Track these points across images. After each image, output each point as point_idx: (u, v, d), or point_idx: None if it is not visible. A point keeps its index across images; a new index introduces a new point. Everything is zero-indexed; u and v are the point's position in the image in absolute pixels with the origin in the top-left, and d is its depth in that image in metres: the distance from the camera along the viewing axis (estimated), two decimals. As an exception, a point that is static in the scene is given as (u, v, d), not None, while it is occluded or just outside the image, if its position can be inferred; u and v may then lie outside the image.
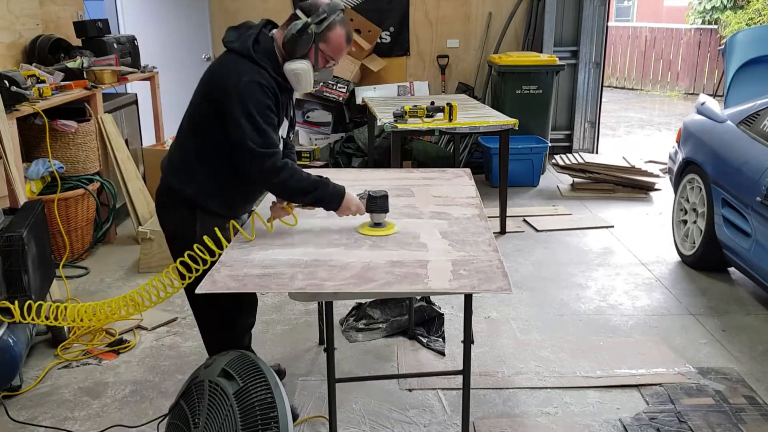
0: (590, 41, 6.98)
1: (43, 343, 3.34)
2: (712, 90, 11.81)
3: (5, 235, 2.84)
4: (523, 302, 3.80)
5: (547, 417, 2.74)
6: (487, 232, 2.41)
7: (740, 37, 4.68)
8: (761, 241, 3.46)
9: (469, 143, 6.58)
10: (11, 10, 4.49)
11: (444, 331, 3.40)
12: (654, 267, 4.31)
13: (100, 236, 4.68)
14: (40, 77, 4.12)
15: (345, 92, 6.44)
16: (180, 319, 3.62)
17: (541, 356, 3.21)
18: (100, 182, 4.61)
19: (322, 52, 2.36)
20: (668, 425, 2.65)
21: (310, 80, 2.36)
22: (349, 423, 2.70)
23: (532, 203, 5.70)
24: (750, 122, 3.90)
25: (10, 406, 2.83)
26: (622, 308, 3.73)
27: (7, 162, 3.53)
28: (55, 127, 4.27)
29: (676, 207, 4.56)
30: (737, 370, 3.05)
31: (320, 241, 2.35)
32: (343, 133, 6.72)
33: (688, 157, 4.40)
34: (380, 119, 4.64)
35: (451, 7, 6.97)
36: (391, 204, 2.46)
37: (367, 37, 6.69)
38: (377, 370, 3.12)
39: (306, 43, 2.31)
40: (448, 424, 2.70)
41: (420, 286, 1.99)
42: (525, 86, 6.22)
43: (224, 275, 2.08)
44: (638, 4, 18.86)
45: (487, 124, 4.66)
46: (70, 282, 4.06)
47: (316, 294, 2.06)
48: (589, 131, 7.28)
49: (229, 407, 1.94)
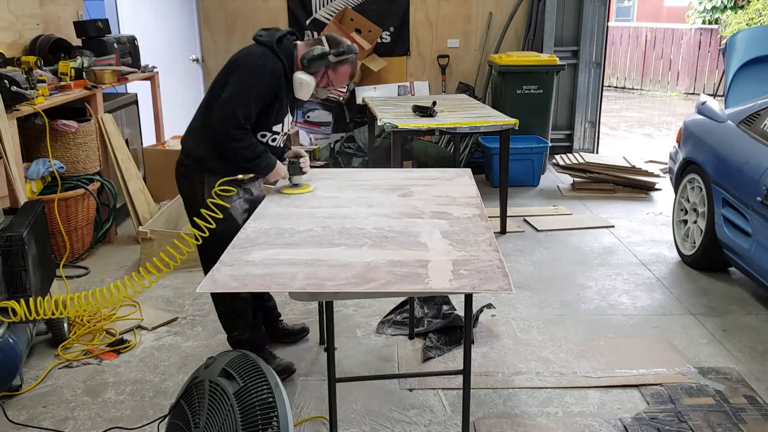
0: (590, 41, 6.98)
1: (44, 343, 3.34)
2: (712, 90, 11.81)
3: (5, 235, 2.84)
4: (524, 302, 3.80)
5: (547, 417, 2.74)
6: (487, 232, 2.41)
7: (740, 37, 4.68)
8: (761, 241, 3.46)
9: (469, 143, 6.58)
10: (11, 10, 4.49)
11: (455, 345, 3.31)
12: (654, 267, 4.31)
13: (100, 236, 4.68)
14: (40, 77, 4.11)
15: (345, 92, 6.44)
16: (180, 319, 3.62)
17: (542, 356, 3.21)
18: (101, 182, 4.61)
19: (327, 77, 2.84)
20: (668, 425, 2.65)
21: (309, 92, 2.83)
22: (350, 423, 2.70)
23: (533, 203, 5.70)
24: (750, 122, 3.90)
25: (11, 406, 2.83)
26: (623, 308, 3.73)
27: (8, 162, 3.53)
28: (55, 127, 4.27)
29: (677, 207, 4.55)
30: (738, 370, 3.05)
31: (321, 241, 2.35)
32: (343, 133, 6.72)
33: (688, 157, 4.40)
34: (380, 119, 4.64)
35: (451, 7, 6.97)
36: (392, 204, 2.48)
37: (367, 37, 6.69)
38: (378, 369, 3.12)
39: (320, 66, 2.79)
40: (449, 424, 2.69)
41: (420, 285, 1.99)
42: (525, 86, 6.22)
43: (225, 275, 2.08)
44: (638, 4, 18.85)
45: (487, 124, 4.65)
46: (70, 282, 4.06)
47: (316, 294, 2.06)
48: (590, 131, 7.28)
49: (229, 407, 1.94)
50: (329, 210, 2.70)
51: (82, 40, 5.01)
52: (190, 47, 6.81)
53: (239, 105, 2.65)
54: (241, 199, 2.91)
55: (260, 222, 2.57)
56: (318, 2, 6.88)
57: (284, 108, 2.85)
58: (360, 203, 2.78)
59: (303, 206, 2.76)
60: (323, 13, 6.89)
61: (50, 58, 4.65)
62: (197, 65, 6.92)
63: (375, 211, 2.67)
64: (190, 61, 6.78)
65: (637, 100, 12.50)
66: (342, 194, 2.93)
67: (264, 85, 2.70)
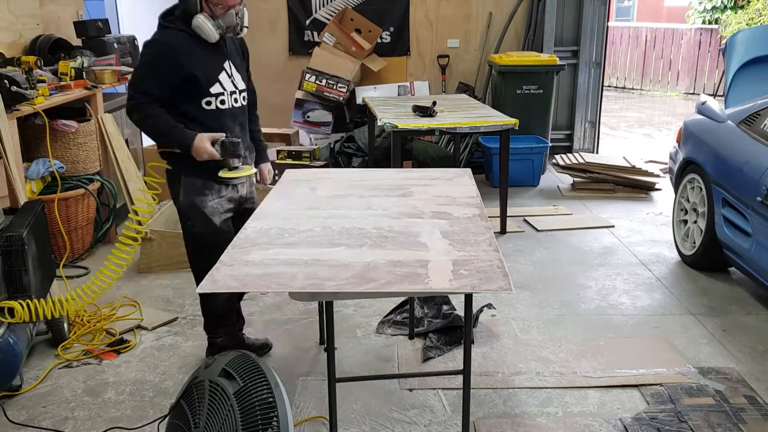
0: (590, 41, 6.98)
1: (44, 343, 3.34)
2: (712, 90, 11.81)
3: (5, 235, 2.84)
4: (524, 302, 3.80)
5: (547, 417, 2.74)
6: (487, 232, 2.41)
7: (740, 37, 4.68)
8: (761, 240, 3.46)
9: (469, 143, 6.58)
10: (11, 10, 4.49)
11: (455, 345, 3.31)
12: (654, 267, 4.30)
13: (100, 236, 4.68)
14: (40, 77, 4.11)
15: (345, 92, 6.44)
16: (180, 319, 3.62)
17: (542, 356, 3.21)
18: (101, 182, 4.61)
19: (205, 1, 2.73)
20: (668, 425, 2.65)
21: (212, 29, 2.74)
22: (350, 423, 2.70)
23: (533, 203, 5.69)
24: (750, 122, 3.90)
25: (11, 406, 2.83)
26: (623, 308, 3.73)
27: (8, 162, 3.53)
28: (55, 127, 4.27)
29: (677, 207, 4.55)
30: (738, 370, 3.05)
31: (321, 241, 2.35)
32: (343, 133, 6.71)
33: (688, 156, 4.40)
34: (380, 119, 4.64)
35: (451, 7, 6.97)
36: (392, 204, 2.47)
37: (367, 36, 6.69)
38: (378, 369, 3.12)
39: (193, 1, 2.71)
40: (449, 424, 2.69)
41: (420, 285, 1.99)
42: (525, 86, 6.22)
43: (225, 275, 2.08)
44: (638, 4, 18.84)
45: (487, 124, 4.65)
46: (70, 282, 4.06)
47: (316, 294, 2.06)
48: (590, 131, 7.28)
49: (229, 407, 1.94)
50: (329, 210, 2.70)
51: (82, 40, 5.01)
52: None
53: (132, 83, 2.77)
54: (222, 198, 2.92)
55: (260, 222, 2.57)
56: (318, 2, 6.88)
57: (207, 69, 2.79)
58: (360, 203, 2.78)
59: (303, 206, 2.76)
60: (323, 13, 6.89)
61: (50, 58, 4.65)
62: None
63: (375, 211, 2.67)
64: None
65: (637, 100, 12.50)
66: (342, 194, 2.92)
67: (149, 58, 2.76)
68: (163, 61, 2.72)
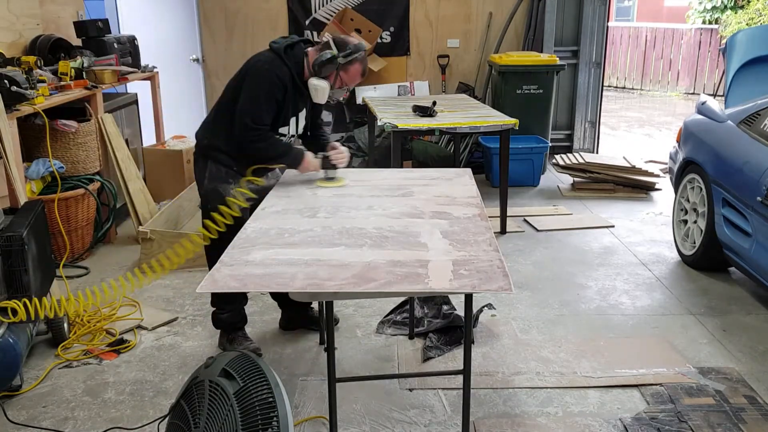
0: (590, 41, 6.98)
1: (44, 343, 3.34)
2: (712, 90, 11.81)
3: (5, 235, 2.84)
4: (524, 302, 3.80)
5: (547, 417, 2.74)
6: (487, 232, 2.41)
7: (740, 37, 4.68)
8: (761, 240, 3.46)
9: (469, 143, 6.58)
10: (11, 10, 4.49)
11: (455, 345, 3.31)
12: (654, 267, 4.31)
13: (100, 236, 4.68)
14: (40, 77, 4.11)
15: (345, 92, 6.44)
16: (180, 319, 3.62)
17: (542, 356, 3.21)
18: (101, 182, 4.61)
19: (340, 78, 2.99)
20: (668, 425, 2.65)
21: (325, 95, 3.00)
22: (350, 423, 2.70)
23: (533, 203, 5.69)
24: (750, 122, 3.90)
25: (11, 406, 2.83)
26: (623, 308, 3.73)
27: (8, 162, 3.53)
28: (55, 127, 4.27)
29: (677, 207, 4.55)
30: (738, 370, 3.05)
31: (321, 241, 2.35)
32: (343, 133, 6.71)
33: (688, 156, 4.40)
34: (380, 119, 4.64)
35: (451, 7, 6.97)
36: (392, 203, 2.48)
37: (367, 36, 6.69)
38: (378, 369, 3.12)
39: (330, 69, 2.94)
40: (449, 424, 2.69)
41: (420, 285, 1.99)
42: (525, 86, 6.22)
43: (225, 275, 2.08)
44: (638, 4, 18.85)
45: (487, 124, 4.65)
46: (70, 282, 4.06)
47: (316, 294, 2.06)
48: (590, 131, 7.28)
49: (229, 407, 1.94)
50: (329, 210, 2.70)
51: (82, 40, 5.00)
52: (190, 47, 6.81)
53: (249, 112, 2.89)
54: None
55: (260, 222, 2.57)
56: (318, 2, 6.88)
57: (289, 112, 3.01)
58: (360, 203, 2.78)
59: (303, 206, 2.76)
60: (323, 13, 6.89)
61: (50, 58, 4.65)
62: (197, 65, 6.92)
63: (375, 211, 2.67)
64: (190, 61, 6.79)
65: (637, 100, 12.50)
66: (342, 194, 2.93)
67: (270, 88, 2.90)
68: (276, 97, 2.92)
